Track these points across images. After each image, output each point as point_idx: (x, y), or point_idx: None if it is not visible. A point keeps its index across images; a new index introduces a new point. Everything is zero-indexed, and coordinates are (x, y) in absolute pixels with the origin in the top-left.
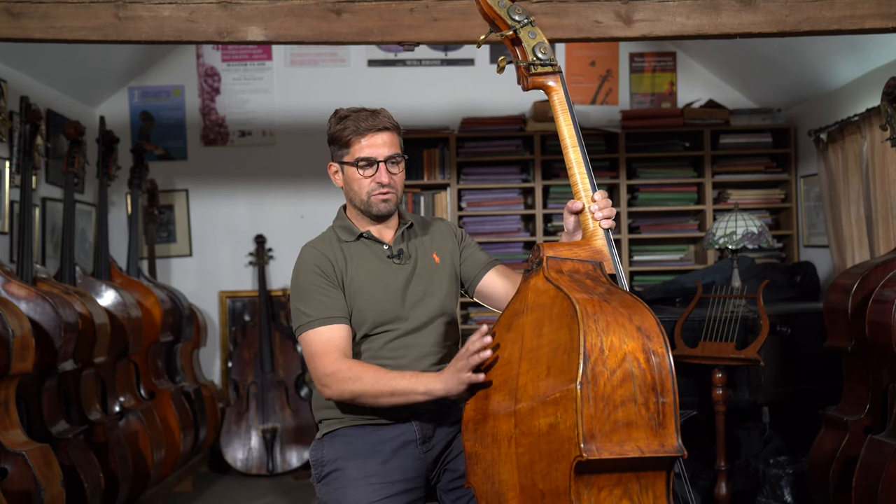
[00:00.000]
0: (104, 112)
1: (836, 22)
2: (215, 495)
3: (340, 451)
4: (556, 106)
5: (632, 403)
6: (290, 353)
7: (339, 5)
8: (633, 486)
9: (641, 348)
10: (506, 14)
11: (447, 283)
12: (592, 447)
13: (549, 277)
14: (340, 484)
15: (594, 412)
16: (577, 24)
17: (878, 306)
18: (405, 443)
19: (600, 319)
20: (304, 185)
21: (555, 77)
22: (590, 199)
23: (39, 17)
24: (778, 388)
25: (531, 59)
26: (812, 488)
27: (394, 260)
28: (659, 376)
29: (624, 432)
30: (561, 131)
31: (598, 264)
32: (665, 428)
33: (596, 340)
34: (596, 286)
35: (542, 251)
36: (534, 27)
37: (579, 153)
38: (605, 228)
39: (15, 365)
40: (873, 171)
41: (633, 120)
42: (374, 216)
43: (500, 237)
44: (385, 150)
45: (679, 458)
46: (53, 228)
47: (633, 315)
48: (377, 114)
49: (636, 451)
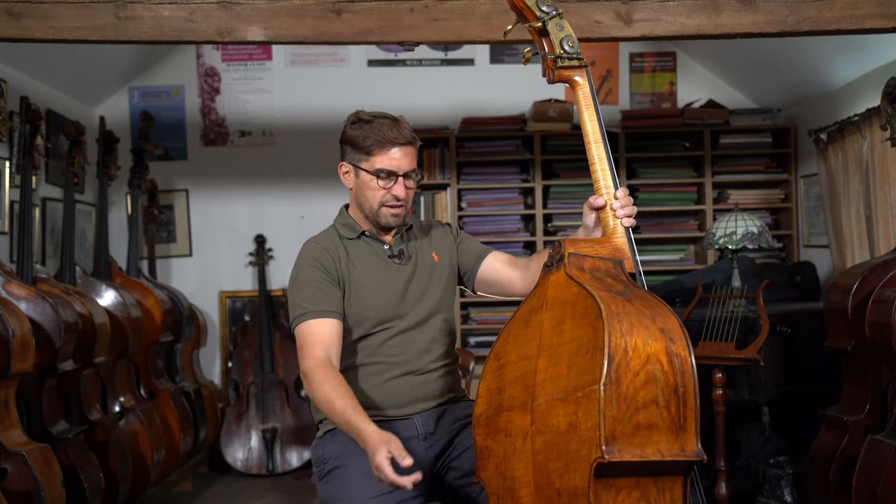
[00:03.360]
0: (104, 112)
1: (836, 22)
2: (215, 495)
3: (341, 449)
4: (581, 101)
5: (654, 406)
6: (290, 353)
7: (339, 5)
8: (651, 489)
9: (665, 350)
10: (534, 4)
11: (445, 281)
12: (614, 449)
13: (571, 274)
14: (341, 481)
15: (617, 414)
16: (577, 24)
17: (878, 306)
18: (406, 439)
19: (624, 320)
20: (304, 185)
21: (581, 71)
22: (612, 196)
23: (39, 17)
24: (778, 388)
25: (558, 51)
26: (812, 488)
27: (394, 260)
28: (682, 379)
29: (645, 435)
30: (585, 127)
31: (618, 262)
32: (686, 431)
33: (620, 341)
34: (616, 284)
35: (565, 247)
36: (562, 19)
37: (602, 149)
38: (626, 227)
39: (15, 365)
40: (873, 171)
41: (633, 120)
42: (380, 226)
43: (500, 237)
44: (405, 165)
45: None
46: (53, 228)
47: (656, 316)
48: (399, 124)
49: (657, 455)
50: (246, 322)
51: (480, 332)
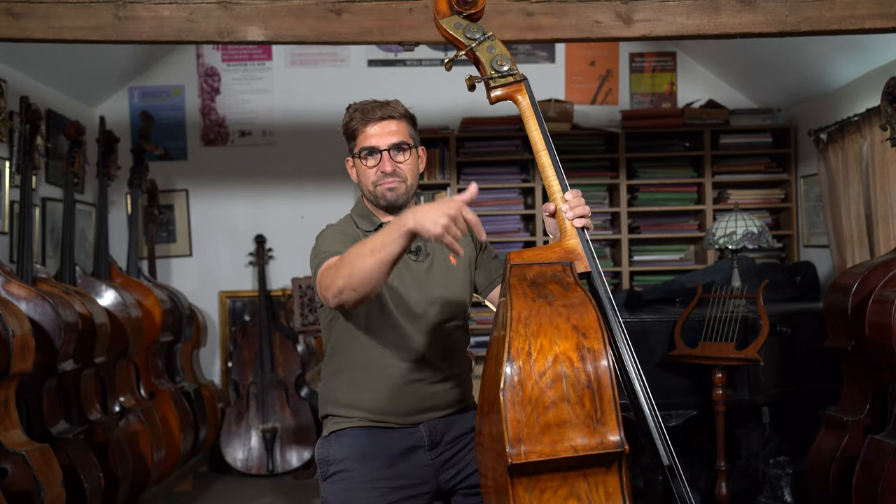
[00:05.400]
0: (104, 112)
1: (836, 22)
2: (215, 495)
3: (347, 452)
4: (524, 112)
5: (564, 403)
6: (290, 353)
7: (339, 5)
8: (581, 484)
9: (575, 347)
10: (462, 35)
11: (461, 285)
12: (519, 450)
13: (506, 287)
14: (346, 485)
15: (521, 416)
16: (577, 24)
17: (878, 306)
18: (413, 447)
19: (531, 323)
20: (304, 185)
21: (518, 86)
22: (562, 199)
23: (39, 17)
24: (778, 388)
25: (489, 73)
26: (812, 488)
27: (411, 256)
28: (594, 373)
29: (556, 433)
30: (531, 137)
31: (567, 264)
32: (604, 424)
33: (523, 345)
34: (555, 288)
35: (509, 260)
36: (492, 41)
37: (548, 157)
38: (578, 227)
39: (15, 365)
40: (873, 171)
41: (633, 120)
42: (382, 207)
43: (501, 237)
44: (389, 139)
45: (672, 460)
46: (53, 228)
47: (571, 314)
48: (386, 104)
49: (570, 451)
50: (246, 322)
51: (481, 332)
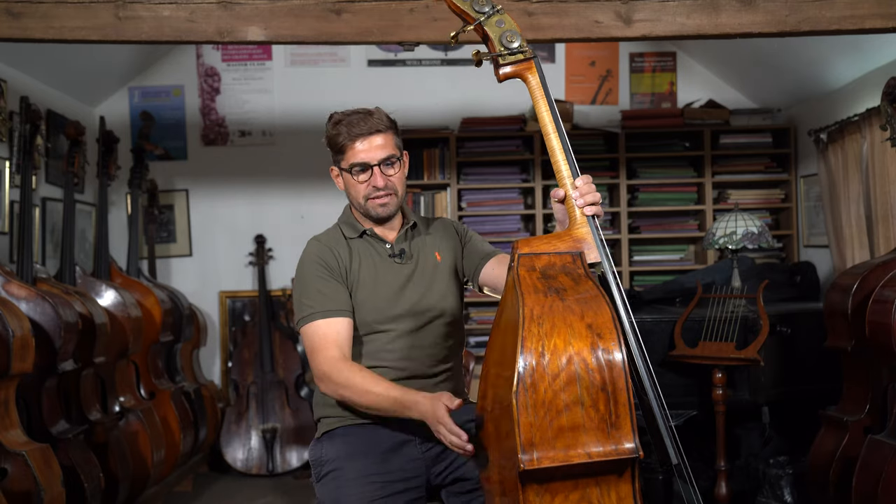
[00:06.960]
0: (104, 112)
1: (836, 22)
2: (215, 495)
3: (339, 450)
4: (534, 92)
5: (578, 407)
6: (290, 353)
7: (339, 5)
8: (593, 490)
9: (589, 347)
10: (469, 7)
11: (448, 281)
12: (532, 456)
13: (515, 277)
14: (339, 483)
15: (533, 420)
16: (577, 24)
17: (878, 306)
18: (404, 442)
19: (545, 322)
20: (304, 185)
21: (528, 64)
22: (572, 185)
23: (39, 17)
24: (778, 388)
25: (499, 49)
26: (812, 488)
27: (395, 259)
28: (609, 376)
29: (570, 437)
30: (541, 119)
31: (577, 254)
32: (619, 429)
33: (536, 345)
34: (565, 280)
35: (517, 248)
36: (501, 15)
37: (558, 140)
38: (588, 215)
39: (15, 365)
40: (873, 171)
41: (633, 120)
42: (374, 219)
43: (500, 237)
44: (379, 154)
45: (681, 460)
46: (53, 228)
47: (585, 312)
48: (370, 116)
49: (583, 457)
50: (246, 322)
51: (480, 332)
